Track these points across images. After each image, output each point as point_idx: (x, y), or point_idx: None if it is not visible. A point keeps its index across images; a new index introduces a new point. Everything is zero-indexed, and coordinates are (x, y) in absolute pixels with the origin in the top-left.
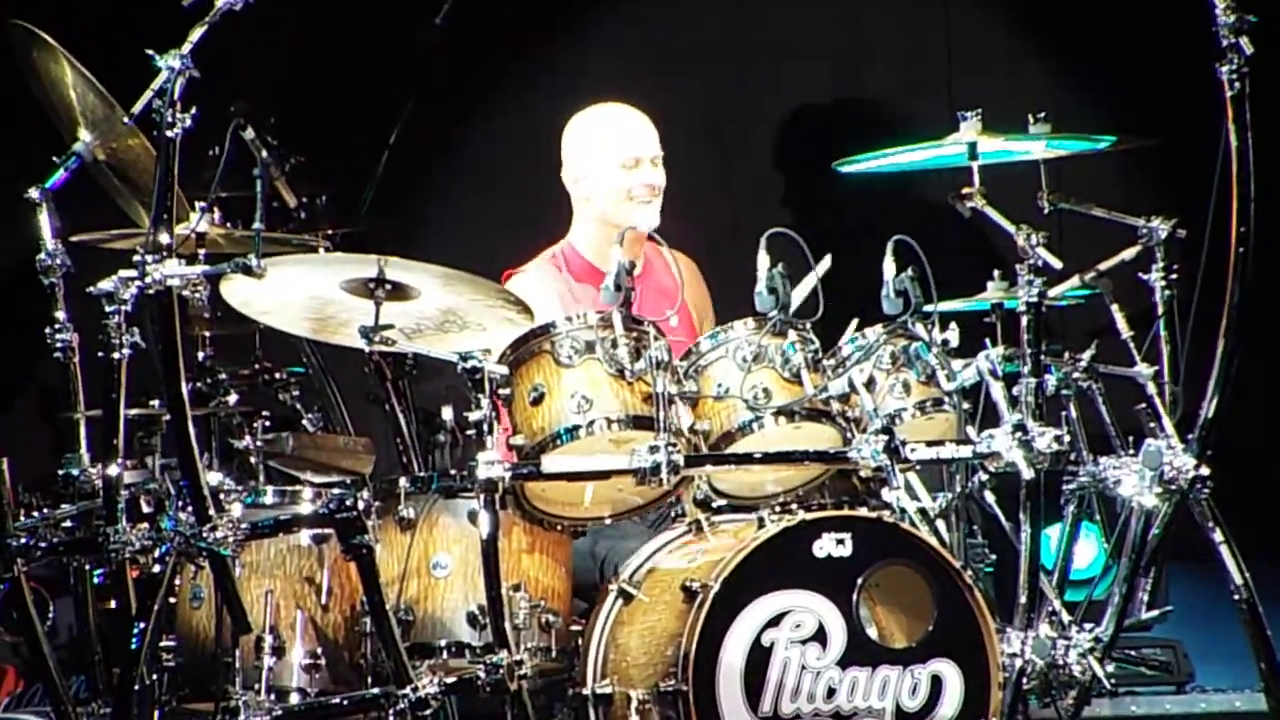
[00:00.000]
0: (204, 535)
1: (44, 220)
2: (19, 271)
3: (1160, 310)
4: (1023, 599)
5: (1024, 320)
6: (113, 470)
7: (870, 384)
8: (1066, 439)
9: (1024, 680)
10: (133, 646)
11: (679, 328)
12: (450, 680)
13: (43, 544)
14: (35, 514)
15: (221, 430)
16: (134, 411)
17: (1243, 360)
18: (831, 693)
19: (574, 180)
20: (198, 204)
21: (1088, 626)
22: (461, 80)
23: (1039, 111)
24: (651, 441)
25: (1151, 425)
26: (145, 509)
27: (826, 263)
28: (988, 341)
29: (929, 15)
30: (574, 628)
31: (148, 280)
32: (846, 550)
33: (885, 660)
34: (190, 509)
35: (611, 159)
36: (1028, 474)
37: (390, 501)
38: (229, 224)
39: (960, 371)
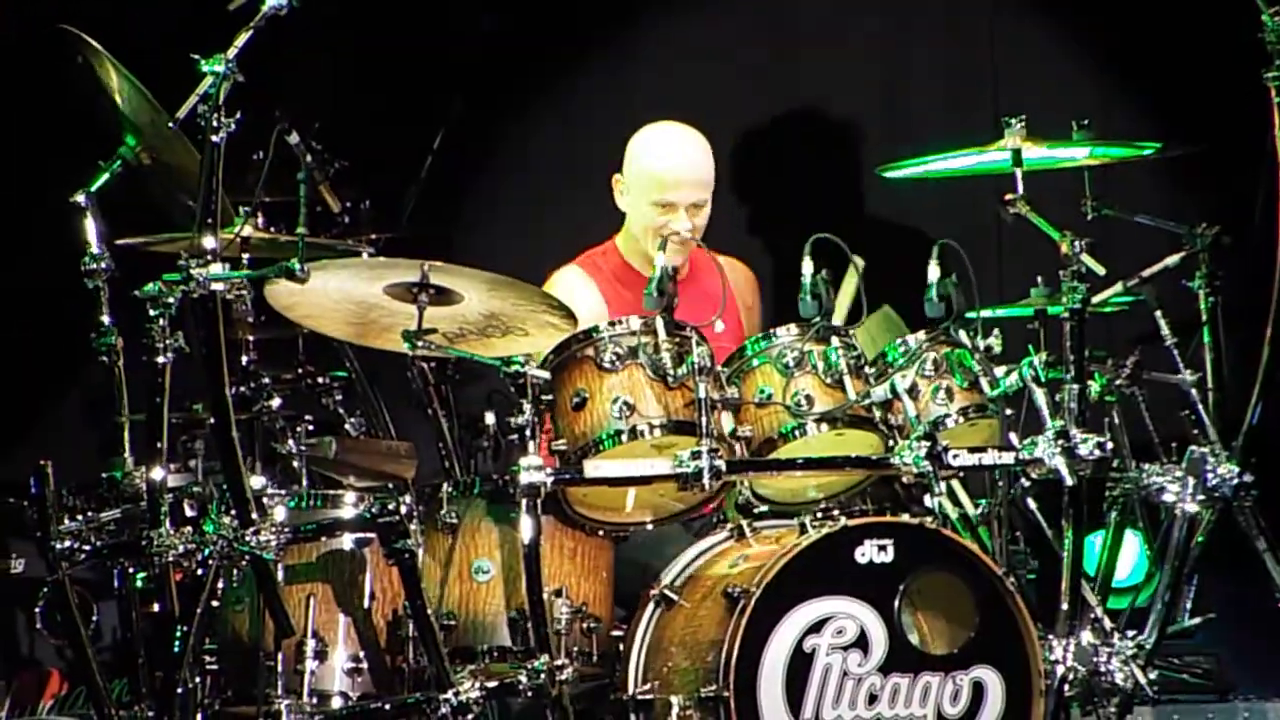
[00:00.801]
0: (247, 539)
1: (89, 224)
2: (65, 275)
3: (1204, 317)
4: (1065, 606)
5: (1067, 327)
6: (156, 474)
7: (913, 390)
8: (1109, 446)
9: (1066, 688)
10: (175, 650)
11: (725, 334)
12: (492, 685)
13: (86, 547)
14: (79, 517)
15: (265, 434)
16: (177, 415)
17: None
18: (873, 699)
19: (621, 190)
20: (242, 208)
21: (1130, 634)
22: (506, 84)
23: (1083, 118)
24: (694, 447)
25: (1195, 432)
26: (189, 513)
27: (859, 264)
28: (1031, 348)
29: (974, 22)
30: (615, 633)
31: (192, 284)
32: (888, 557)
33: (927, 667)
34: (233, 513)
35: (650, 193)
36: (1070, 481)
37: (433, 506)
38: (273, 228)
39: (1003, 378)
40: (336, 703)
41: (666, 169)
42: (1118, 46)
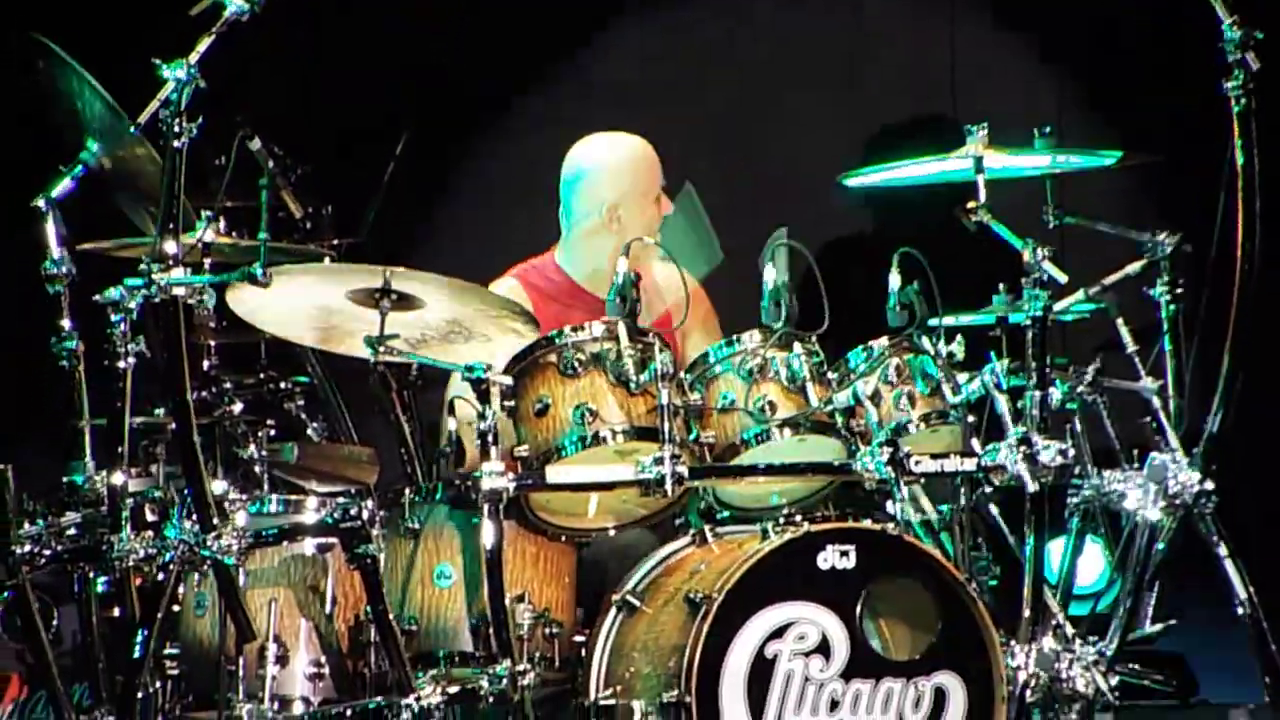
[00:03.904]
0: (208, 544)
1: (50, 229)
2: (25, 280)
3: (1165, 325)
4: (1027, 612)
5: (1029, 334)
6: (117, 478)
7: (875, 396)
8: (1071, 453)
9: (1028, 694)
10: (136, 655)
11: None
12: (453, 690)
13: (46, 552)
14: (39, 522)
15: (226, 439)
16: (139, 420)
17: (1248, 375)
18: (835, 705)
19: (607, 205)
20: (203, 213)
21: (1092, 640)
22: (469, 92)
23: (1045, 126)
24: (656, 453)
25: (1156, 439)
26: (149, 517)
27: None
28: (993, 355)
29: (934, 30)
30: (578, 638)
31: (153, 289)
32: (850, 562)
33: (889, 673)
34: (194, 517)
35: (650, 192)
36: (1032, 487)
37: (395, 511)
38: (234, 233)
39: (965, 385)
40: (298, 708)
41: (651, 161)
42: (1079, 55)
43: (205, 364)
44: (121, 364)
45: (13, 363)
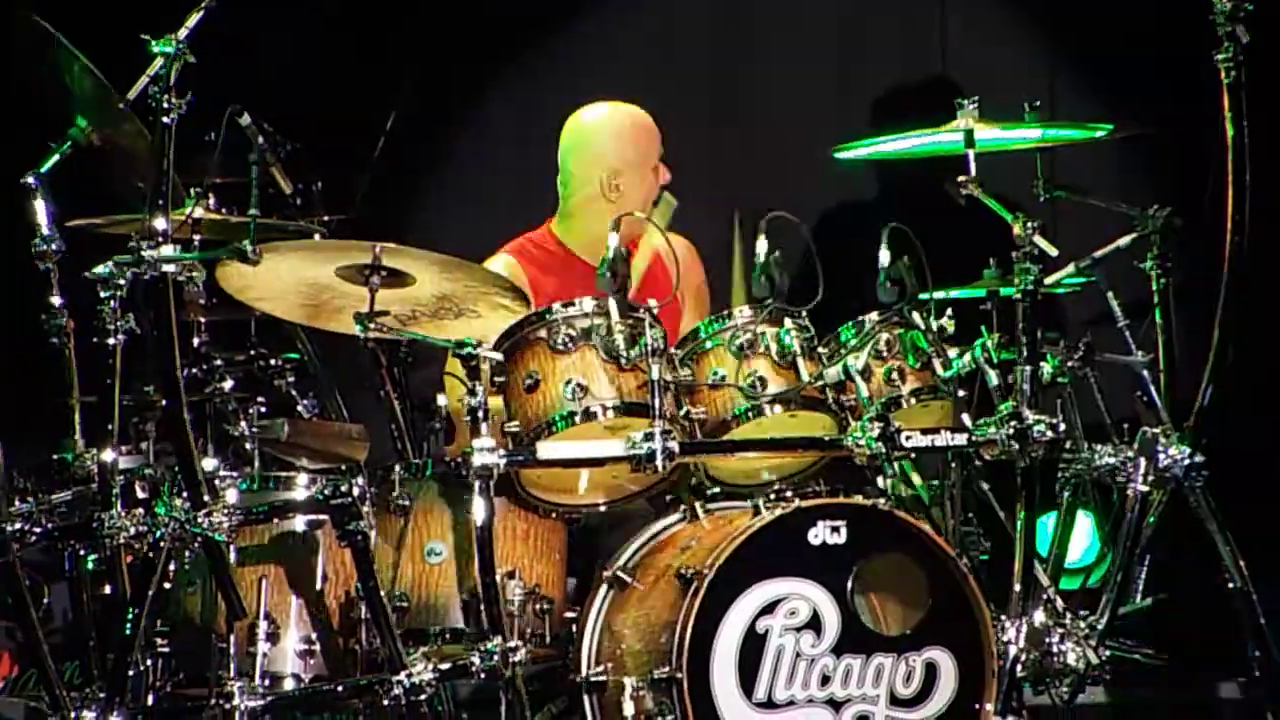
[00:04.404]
0: (199, 521)
1: (39, 205)
2: (14, 257)
3: (1155, 299)
4: (1017, 587)
5: (1020, 308)
6: (108, 455)
7: (866, 372)
8: (1062, 427)
9: (1019, 668)
10: (127, 632)
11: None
12: (445, 666)
13: (37, 529)
14: (30, 499)
15: (217, 416)
16: (129, 397)
17: (1238, 349)
18: (826, 680)
19: (606, 173)
20: (193, 190)
21: (1083, 614)
22: (459, 67)
23: (1035, 100)
24: (647, 429)
25: (1147, 413)
26: (140, 494)
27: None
28: (983, 329)
29: (925, 3)
30: (568, 615)
31: (143, 266)
32: (841, 538)
33: (880, 648)
34: (185, 495)
35: (649, 160)
36: (1023, 462)
37: (385, 488)
38: (224, 210)
39: (956, 359)
40: (289, 685)
41: (650, 130)
42: (1069, 27)
43: (195, 341)
44: (111, 341)
45: (2, 340)
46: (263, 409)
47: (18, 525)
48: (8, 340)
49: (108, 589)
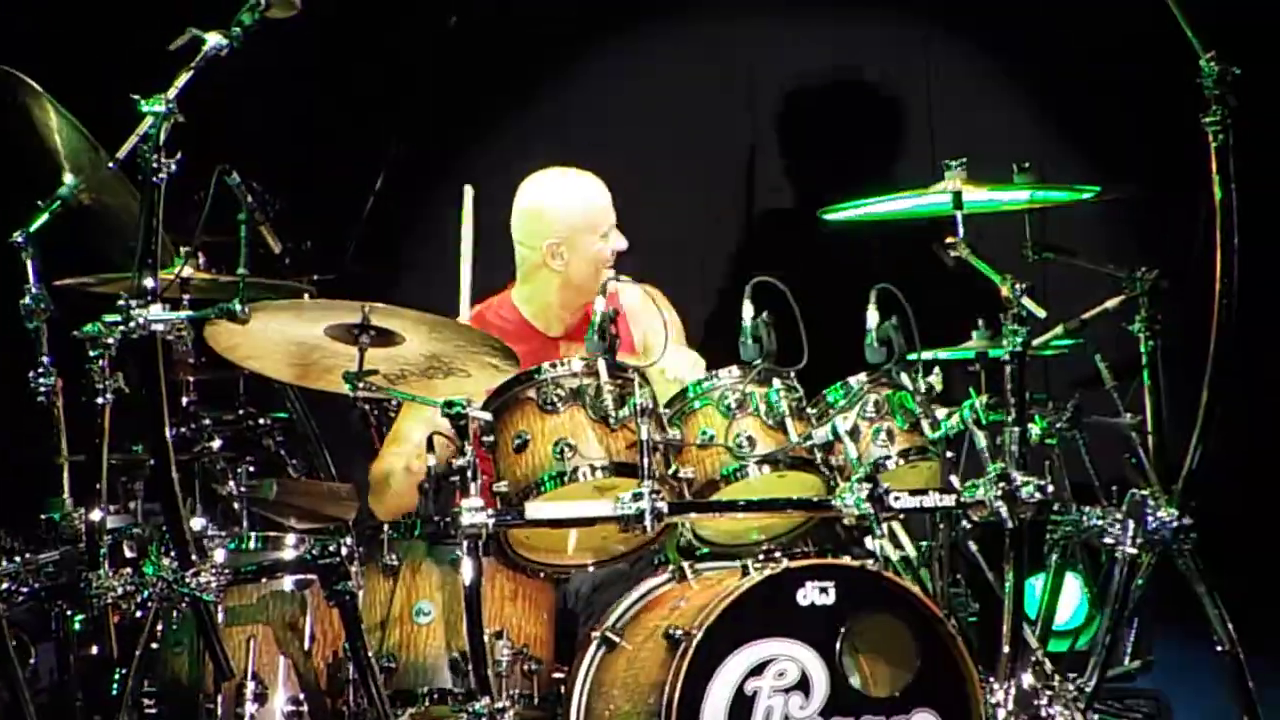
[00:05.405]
0: (186, 581)
1: (28, 264)
2: (3, 315)
3: (1144, 361)
4: (1006, 648)
5: (1008, 369)
6: (95, 515)
7: (854, 432)
8: (1050, 488)
9: None
10: (114, 693)
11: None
12: None
13: (24, 589)
14: (17, 559)
15: (205, 475)
16: (117, 456)
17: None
18: None
19: (549, 241)
20: (182, 249)
21: (1071, 676)
22: (446, 129)
23: (1024, 162)
24: (635, 489)
25: (1135, 475)
26: (128, 554)
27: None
28: (972, 390)
29: (912, 64)
30: (557, 675)
31: (132, 325)
32: (830, 599)
33: (868, 710)
34: (173, 554)
35: (598, 227)
36: (1011, 523)
37: (373, 548)
38: (213, 269)
39: (944, 420)
40: None
41: (594, 195)
42: (1057, 90)
43: (184, 400)
44: (99, 400)
45: None
46: (251, 468)
47: (4, 585)
48: None
49: (95, 649)
